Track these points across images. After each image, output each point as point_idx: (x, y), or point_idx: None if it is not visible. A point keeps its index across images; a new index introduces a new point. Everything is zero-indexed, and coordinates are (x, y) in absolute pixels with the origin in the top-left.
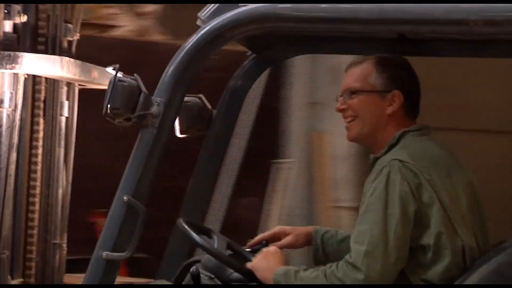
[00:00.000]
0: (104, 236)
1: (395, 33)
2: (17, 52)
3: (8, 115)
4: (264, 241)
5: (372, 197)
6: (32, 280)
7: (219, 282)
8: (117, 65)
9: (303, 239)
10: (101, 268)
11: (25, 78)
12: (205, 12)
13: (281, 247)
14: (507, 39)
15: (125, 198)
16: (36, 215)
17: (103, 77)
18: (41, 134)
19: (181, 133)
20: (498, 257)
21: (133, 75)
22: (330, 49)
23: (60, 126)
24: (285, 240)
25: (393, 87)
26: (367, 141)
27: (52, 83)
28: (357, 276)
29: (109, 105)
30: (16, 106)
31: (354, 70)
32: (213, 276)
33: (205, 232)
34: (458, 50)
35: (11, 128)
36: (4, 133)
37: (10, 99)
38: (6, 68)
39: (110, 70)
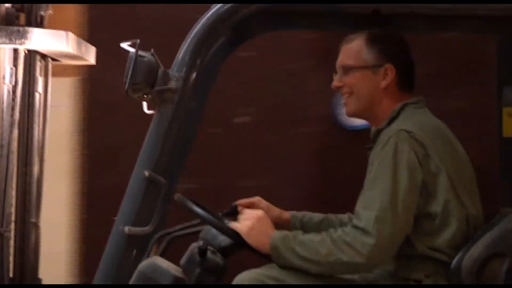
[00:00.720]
0: (124, 211)
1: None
2: (26, 27)
3: (8, 91)
4: (233, 204)
5: (381, 165)
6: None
7: (221, 257)
8: (138, 40)
9: (275, 220)
10: (123, 243)
11: (25, 53)
12: None
13: None
14: (480, 14)
15: (146, 172)
16: (14, 193)
17: (89, 53)
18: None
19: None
20: (500, 225)
21: (151, 51)
22: (304, 25)
23: (34, 103)
24: None
25: (385, 61)
26: (365, 115)
27: (29, 58)
28: (368, 240)
29: (130, 81)
30: (16, 82)
31: (347, 47)
32: (215, 250)
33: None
34: (431, 26)
35: (12, 104)
36: (5, 110)
37: (11, 74)
38: (16, 44)
39: (126, 46)
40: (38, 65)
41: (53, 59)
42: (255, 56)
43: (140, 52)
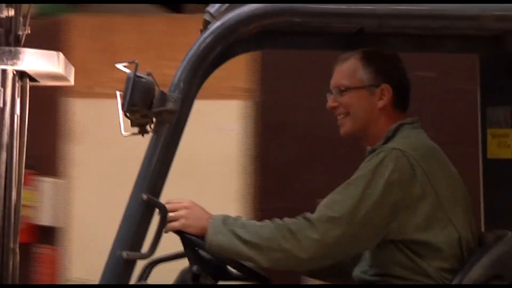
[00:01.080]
0: (121, 235)
1: (355, 28)
2: (17, 48)
3: None
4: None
5: (359, 173)
6: None
7: (212, 281)
8: (136, 61)
9: None
10: (120, 268)
11: (14, 74)
12: (216, 8)
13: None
14: (463, 34)
15: (144, 196)
16: None
17: (71, 74)
18: None
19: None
20: (498, 247)
21: (148, 72)
22: (289, 44)
23: (13, 125)
24: None
25: (381, 80)
26: (361, 135)
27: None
28: (312, 235)
29: (127, 102)
30: (5, 103)
31: (341, 67)
32: (207, 274)
33: None
34: (414, 46)
35: (1, 126)
36: None
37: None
38: (7, 65)
39: (121, 66)
40: (20, 86)
41: (31, 80)
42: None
43: (138, 73)
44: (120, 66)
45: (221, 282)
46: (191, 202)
